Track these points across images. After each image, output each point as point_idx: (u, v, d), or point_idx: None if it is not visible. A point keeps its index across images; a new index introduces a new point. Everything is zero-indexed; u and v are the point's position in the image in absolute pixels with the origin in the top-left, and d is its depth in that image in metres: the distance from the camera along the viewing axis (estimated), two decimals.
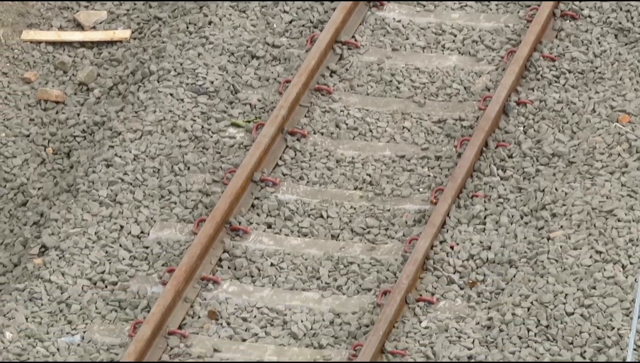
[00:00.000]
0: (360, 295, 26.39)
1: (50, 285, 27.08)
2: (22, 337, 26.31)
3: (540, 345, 25.71)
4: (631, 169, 28.89)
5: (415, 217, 27.54)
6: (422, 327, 25.53)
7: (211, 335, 26.32)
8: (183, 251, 27.29)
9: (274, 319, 26.57)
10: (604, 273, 26.53)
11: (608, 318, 25.90)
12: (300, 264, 27.23)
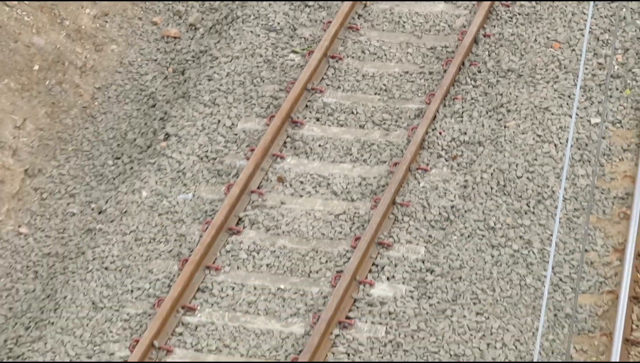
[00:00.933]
0: (379, 166, 34.25)
1: (171, 160, 34.72)
2: (153, 195, 33.59)
3: (499, 198, 33.21)
4: (561, 80, 36.86)
5: (415, 113, 36.06)
6: (420, 187, 33.27)
7: (279, 193, 34.15)
8: (260, 137, 35.00)
9: (321, 182, 34.34)
10: (542, 149, 34.37)
11: (545, 180, 33.39)
12: (338, 145, 35.44)
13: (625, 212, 32.34)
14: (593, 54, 38.15)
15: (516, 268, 30.99)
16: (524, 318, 29.66)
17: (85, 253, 32.15)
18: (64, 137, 35.93)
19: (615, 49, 38.45)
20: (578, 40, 38.53)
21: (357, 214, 33.11)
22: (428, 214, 32.96)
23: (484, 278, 30.91)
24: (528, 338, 29.26)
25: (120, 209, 33.44)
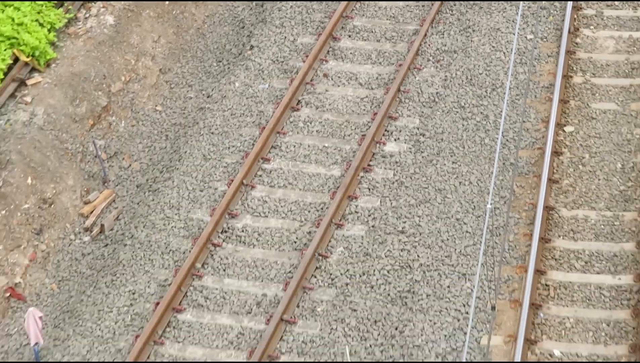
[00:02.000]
0: (389, 66, 35.28)
1: (254, 62, 35.80)
2: (243, 85, 34.92)
3: (467, 88, 34.64)
4: (507, 10, 37.74)
5: (413, 32, 36.58)
6: (416, 80, 34.61)
7: (324, 84, 35.14)
8: (311, 48, 36.03)
9: (351, 77, 35.64)
10: (496, 55, 35.54)
11: (497, 75, 34.80)
12: (363, 53, 36.29)
13: (549, 96, 33.57)
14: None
15: (478, 133, 32.86)
16: (484, 165, 31.60)
17: (199, 123, 34.06)
18: (185, 47, 36.95)
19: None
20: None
21: (375, 98, 34.23)
22: (421, 98, 34.39)
23: (457, 139, 32.73)
24: (486, 178, 31.07)
25: (221, 95, 34.92)
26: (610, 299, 27.60)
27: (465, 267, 28.39)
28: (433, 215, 30.10)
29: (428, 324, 26.98)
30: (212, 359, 27.08)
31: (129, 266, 29.07)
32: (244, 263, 29.51)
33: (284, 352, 27.02)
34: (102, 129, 32.74)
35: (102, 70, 33.23)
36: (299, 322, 27.68)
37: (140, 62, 34.26)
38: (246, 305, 28.33)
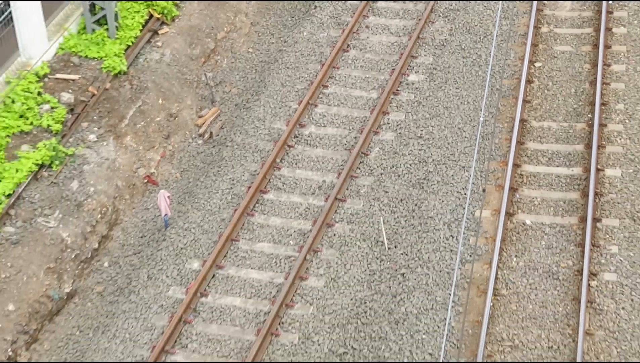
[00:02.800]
0: (412, 20, 34.57)
1: (317, 18, 35.30)
2: (309, 34, 34.63)
3: (466, 36, 34.45)
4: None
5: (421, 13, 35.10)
6: (430, 30, 34.27)
7: (366, 33, 34.54)
8: (355, 10, 34.87)
9: (385, 29, 34.90)
10: (487, 14, 34.96)
11: (487, 26, 34.22)
12: (394, 11, 35.50)
13: (524, 41, 33.14)
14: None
15: (474, 67, 32.55)
16: (478, 90, 31.49)
17: (278, 61, 33.50)
18: (268, 7, 35.93)
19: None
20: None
21: (402, 43, 33.59)
22: (434, 43, 33.96)
23: (459, 72, 32.43)
24: (479, 99, 31.00)
25: (294, 40, 34.45)
26: (565, 184, 27.82)
27: (464, 162, 28.46)
28: (442, 125, 30.04)
29: (438, 202, 27.19)
30: (287, 226, 27.05)
31: (230, 161, 29.23)
32: (309, 159, 29.53)
33: (337, 221, 27.11)
34: (210, 65, 32.16)
35: (210, 23, 32.83)
36: (347, 200, 27.85)
37: (237, 17, 33.61)
38: (311, 188, 28.43)
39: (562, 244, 25.49)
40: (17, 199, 25.25)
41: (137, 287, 25.01)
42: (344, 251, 25.81)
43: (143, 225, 26.94)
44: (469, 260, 24.85)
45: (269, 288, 24.99)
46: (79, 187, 26.28)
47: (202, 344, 23.48)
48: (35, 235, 24.78)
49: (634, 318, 23.30)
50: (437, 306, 23.80)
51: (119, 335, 23.82)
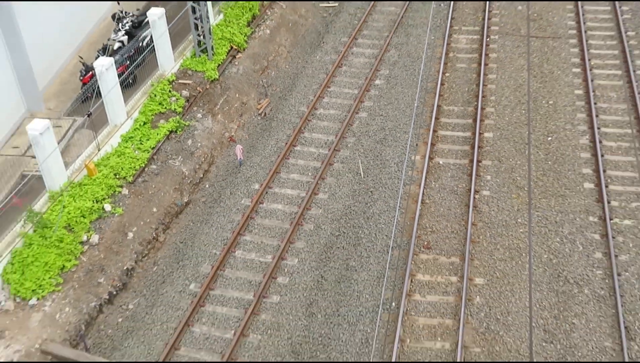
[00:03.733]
0: (376, 49, 31.69)
1: (324, 49, 32.33)
2: (318, 57, 31.75)
3: (407, 58, 31.11)
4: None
5: (386, 38, 32.40)
6: (387, 55, 31.30)
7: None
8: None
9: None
10: (420, 46, 31.90)
11: (419, 53, 31.32)
12: (367, 44, 32.41)
13: (439, 61, 30.89)
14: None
15: (412, 76, 30.39)
16: (414, 89, 29.41)
17: (302, 72, 31.49)
18: (297, 42, 32.99)
19: None
20: None
21: (371, 63, 31.39)
22: (389, 62, 31.66)
23: (403, 79, 30.39)
24: (414, 95, 28.75)
25: (311, 61, 32.21)
26: (462, 142, 26.87)
27: (406, 129, 27.46)
28: (393, 108, 28.84)
29: (391, 151, 26.58)
30: (307, 165, 25.96)
31: (275, 129, 28.16)
32: (320, 128, 28.17)
33: (335, 162, 26.52)
34: (265, 75, 30.46)
35: (264, 51, 31.06)
36: (340, 150, 26.93)
37: (279, 48, 31.84)
38: (320, 144, 27.38)
39: (459, 175, 25.11)
40: (157, 150, 25.05)
41: (224, 199, 24.88)
42: (339, 178, 25.42)
43: (227, 164, 26.33)
44: (408, 183, 24.48)
45: (297, 199, 24.63)
46: (192, 143, 25.96)
47: (260, 230, 23.31)
48: (167, 170, 24.75)
49: (499, 216, 23.28)
50: (390, 209, 23.73)
51: (214, 225, 23.80)
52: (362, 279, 20.89)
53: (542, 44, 30.79)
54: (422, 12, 33.84)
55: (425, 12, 33.36)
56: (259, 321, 19.99)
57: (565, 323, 19.08)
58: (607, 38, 30.60)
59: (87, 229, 21.32)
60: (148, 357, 19.18)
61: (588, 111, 26.70)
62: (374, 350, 18.45)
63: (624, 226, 21.87)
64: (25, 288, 19.38)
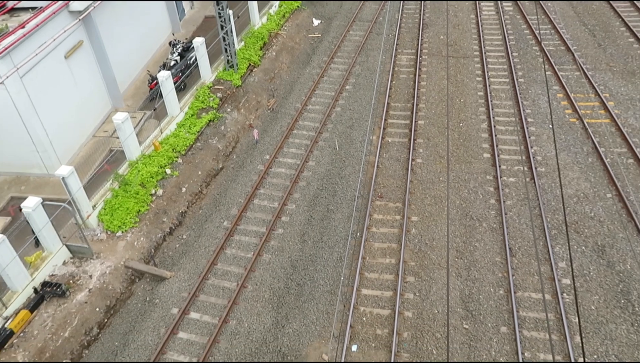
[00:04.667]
0: (347, 65, 30.28)
1: (312, 65, 30.19)
2: (309, 71, 29.83)
3: (367, 72, 29.24)
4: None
5: (353, 58, 30.84)
6: (354, 70, 29.58)
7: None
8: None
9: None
10: (374, 62, 29.94)
11: (375, 67, 29.01)
12: (340, 69, 32.25)
13: (389, 73, 29.24)
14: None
15: (370, 83, 28.60)
16: (372, 91, 27.84)
17: (297, 81, 29.86)
18: (293, 61, 30.97)
19: None
20: None
21: (343, 74, 29.80)
22: (355, 74, 29.74)
23: (365, 84, 28.83)
24: (372, 94, 27.29)
25: (304, 73, 30.35)
26: (403, 127, 25.48)
27: (366, 118, 26.24)
28: (358, 105, 27.50)
29: (356, 133, 25.46)
30: (302, 142, 24.67)
31: (280, 119, 26.77)
32: (310, 116, 26.76)
33: (319, 141, 25.21)
34: (272, 83, 29.11)
35: (272, 66, 29.90)
36: (323, 133, 25.72)
37: (282, 64, 30.41)
38: (310, 128, 26.21)
39: (402, 149, 24.18)
40: (201, 133, 24.40)
41: (246, 165, 24.09)
42: (322, 151, 24.52)
43: (248, 143, 25.47)
44: (368, 155, 23.62)
45: (294, 165, 23.63)
46: (224, 128, 25.26)
47: (270, 186, 22.58)
48: (208, 146, 24.08)
49: (427, 176, 22.54)
50: (356, 172, 22.85)
51: (240, 182, 23.07)
52: (338, 218, 20.63)
53: (456, 61, 29.85)
54: (378, 40, 32.41)
55: (379, 41, 32.20)
56: (270, 246, 19.90)
57: (470, 246, 18.89)
58: (499, 57, 29.74)
59: (155, 185, 21.26)
60: (196, 268, 19.10)
61: (486, 106, 26.05)
62: (345, 263, 18.26)
63: (509, 182, 21.60)
64: (113, 224, 19.66)
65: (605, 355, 14.79)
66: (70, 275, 17.57)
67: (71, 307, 16.65)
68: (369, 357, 15.22)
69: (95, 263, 18.14)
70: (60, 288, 16.52)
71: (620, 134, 22.29)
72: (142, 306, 17.65)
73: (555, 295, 16.26)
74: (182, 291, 17.96)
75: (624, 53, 28.00)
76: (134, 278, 18.55)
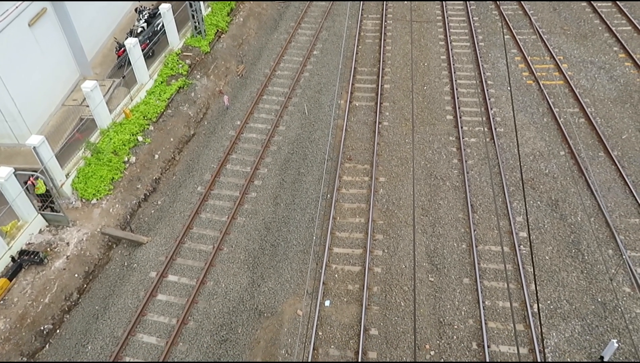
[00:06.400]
0: (315, 25, 30.81)
1: (279, 31, 30.07)
2: (277, 35, 29.35)
3: (334, 37, 28.81)
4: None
5: (320, 23, 30.50)
6: (321, 35, 29.03)
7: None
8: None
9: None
10: (341, 27, 29.68)
11: (341, 33, 28.73)
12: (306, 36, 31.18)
13: (355, 37, 28.86)
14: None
15: (337, 48, 28.34)
16: (339, 59, 27.35)
17: (265, 47, 29.03)
18: (261, 26, 30.10)
19: None
20: None
21: (311, 40, 28.98)
22: (323, 39, 29.36)
23: (331, 52, 28.34)
24: (338, 63, 26.93)
25: (272, 39, 29.77)
26: (370, 91, 25.46)
27: (334, 83, 25.99)
28: (326, 69, 27.06)
29: (324, 97, 25.29)
30: (272, 107, 24.43)
31: (249, 85, 26.41)
32: (279, 81, 26.48)
33: (289, 106, 24.93)
34: (241, 49, 28.36)
35: (239, 32, 29.08)
36: (292, 98, 25.50)
37: (250, 30, 29.58)
38: (280, 92, 25.95)
39: (369, 112, 24.04)
40: (171, 100, 23.93)
41: (217, 131, 23.71)
42: (292, 116, 24.01)
43: (218, 109, 24.95)
44: (336, 118, 23.54)
45: (265, 130, 23.63)
46: (194, 95, 24.70)
47: (242, 151, 22.29)
48: (179, 113, 23.63)
49: (394, 138, 22.68)
50: (325, 136, 22.73)
51: (212, 148, 22.75)
52: (309, 180, 20.52)
53: (420, 26, 29.55)
54: (344, 6, 31.84)
55: (345, 6, 31.59)
56: (243, 209, 19.75)
57: (435, 204, 19.08)
58: (461, 22, 29.50)
59: (127, 153, 20.94)
60: (172, 233, 18.95)
61: (449, 69, 25.86)
62: (316, 224, 18.28)
63: (471, 142, 21.62)
64: (88, 192, 19.39)
65: (558, 301, 15.34)
66: (47, 242, 17.38)
67: (50, 274, 16.48)
68: (341, 311, 15.50)
69: (71, 231, 17.90)
70: (37, 256, 16.40)
71: (573, 95, 22.64)
72: (120, 271, 17.52)
73: (513, 248, 16.82)
74: (160, 255, 17.84)
75: (577, 17, 28.16)
76: (111, 244, 18.34)
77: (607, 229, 17.01)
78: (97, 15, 24.98)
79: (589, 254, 16.41)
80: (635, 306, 14.83)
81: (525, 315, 14.75)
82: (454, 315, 15.07)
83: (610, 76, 23.49)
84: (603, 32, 26.68)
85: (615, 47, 25.45)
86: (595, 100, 22.23)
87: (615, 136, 20.45)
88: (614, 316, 14.68)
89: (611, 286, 15.15)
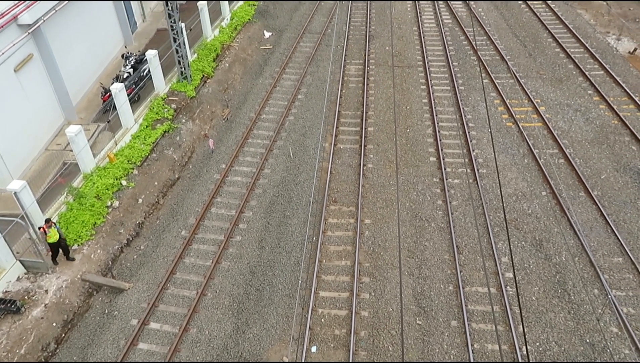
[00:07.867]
0: (300, 70, 31.14)
1: (265, 76, 30.74)
2: (262, 80, 30.26)
3: (315, 75, 30.36)
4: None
5: (302, 73, 31.91)
6: (315, 69, 29.87)
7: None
8: None
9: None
10: (326, 71, 30.54)
11: (326, 71, 29.57)
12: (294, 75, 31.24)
13: (339, 83, 29.08)
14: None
15: (321, 93, 28.38)
16: (322, 101, 27.25)
17: (250, 92, 29.11)
18: (246, 71, 30.55)
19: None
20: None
21: (295, 84, 29.38)
22: (307, 84, 29.49)
23: (316, 95, 28.44)
24: (323, 104, 26.86)
25: (257, 84, 29.93)
26: (354, 134, 25.46)
27: (318, 127, 25.91)
28: (311, 113, 27.12)
29: (309, 140, 25.11)
30: (258, 151, 24.24)
31: (234, 128, 26.24)
32: (265, 125, 26.42)
33: (276, 140, 25.33)
34: (226, 94, 28.58)
35: (225, 77, 29.44)
36: (277, 141, 25.58)
37: (235, 75, 29.99)
38: (265, 137, 25.89)
39: (353, 155, 24.04)
40: (156, 144, 23.97)
41: (202, 175, 23.59)
42: (277, 159, 24.14)
43: (203, 152, 25.04)
44: (321, 161, 23.44)
45: (250, 173, 23.23)
46: (179, 139, 24.80)
47: (227, 195, 21.85)
48: (164, 157, 23.61)
49: (378, 180, 22.48)
50: (310, 178, 22.58)
51: (196, 192, 22.55)
52: (294, 223, 20.32)
53: (402, 71, 29.88)
54: (327, 51, 32.04)
55: (329, 52, 31.78)
56: (228, 253, 19.49)
57: (420, 245, 18.94)
58: (441, 67, 29.91)
59: (111, 197, 20.79)
60: (155, 279, 18.54)
61: (431, 112, 26.12)
62: (302, 267, 18.00)
63: (454, 183, 21.72)
64: (69, 238, 19.00)
65: (547, 342, 15.15)
66: (25, 290, 16.90)
67: (27, 323, 16.00)
68: (328, 357, 15.12)
69: (51, 278, 17.42)
70: (14, 305, 15.89)
71: (552, 136, 23.00)
72: (100, 319, 17.05)
73: (499, 288, 16.70)
74: (142, 302, 17.40)
75: (552, 62, 28.85)
76: (92, 291, 17.87)
77: (592, 268, 17.03)
78: (83, 61, 25.20)
79: (575, 294, 16.36)
80: (623, 346, 14.69)
81: (515, 358, 14.60)
82: (442, 359, 14.87)
83: (586, 118, 23.90)
84: (577, 76, 27.34)
85: (589, 90, 26.07)
86: (573, 141, 22.57)
87: (594, 176, 20.72)
88: (603, 357, 14.52)
89: (599, 326, 15.01)
